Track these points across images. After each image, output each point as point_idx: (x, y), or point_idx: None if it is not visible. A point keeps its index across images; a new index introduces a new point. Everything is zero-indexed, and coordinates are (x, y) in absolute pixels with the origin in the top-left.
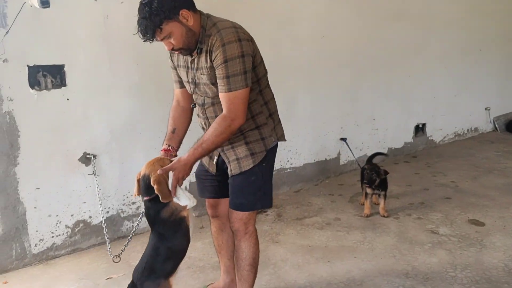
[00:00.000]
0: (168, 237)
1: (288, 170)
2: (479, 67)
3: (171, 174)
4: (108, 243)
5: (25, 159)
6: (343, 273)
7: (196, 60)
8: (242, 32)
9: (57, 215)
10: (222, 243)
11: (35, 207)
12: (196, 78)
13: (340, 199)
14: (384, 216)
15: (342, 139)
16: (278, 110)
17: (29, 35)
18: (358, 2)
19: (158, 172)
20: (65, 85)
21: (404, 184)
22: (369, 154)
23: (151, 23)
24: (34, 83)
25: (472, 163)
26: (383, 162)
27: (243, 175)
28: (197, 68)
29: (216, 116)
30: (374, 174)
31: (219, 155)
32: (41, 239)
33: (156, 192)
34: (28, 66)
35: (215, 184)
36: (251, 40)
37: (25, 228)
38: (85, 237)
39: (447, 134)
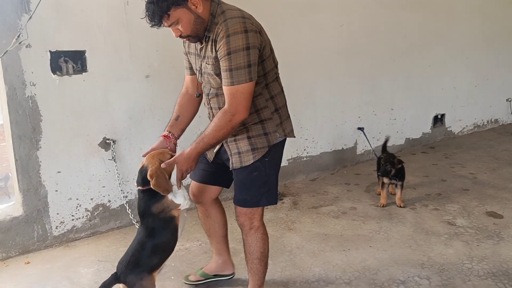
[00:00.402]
0: (155, 234)
1: (305, 159)
2: (501, 57)
3: (175, 167)
4: (136, 222)
5: (47, 143)
6: (358, 262)
7: (204, 48)
8: (250, 22)
9: (77, 199)
10: (210, 228)
11: (56, 190)
12: (202, 67)
13: (356, 188)
14: (400, 206)
15: (359, 128)
16: (296, 97)
17: (51, 21)
18: None
19: (162, 166)
20: (86, 70)
21: (421, 174)
22: (387, 144)
23: (158, 9)
24: (56, 68)
25: (491, 155)
26: (400, 152)
27: (246, 171)
28: (204, 57)
29: (219, 108)
30: (388, 165)
31: (222, 145)
32: (61, 222)
33: (152, 186)
34: (50, 51)
35: (208, 169)
36: (259, 31)
37: (47, 211)
38: (104, 220)
39: (466, 125)
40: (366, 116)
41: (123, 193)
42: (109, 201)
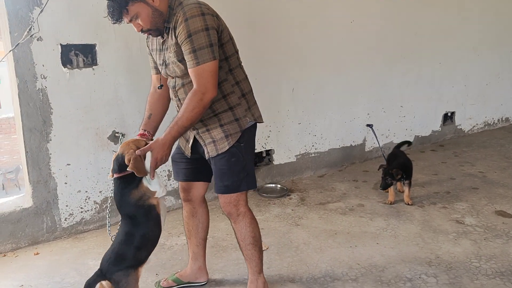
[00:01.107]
0: (139, 224)
1: (313, 155)
2: None
3: (149, 155)
4: None
5: (57, 135)
6: (365, 259)
7: (166, 40)
8: (206, 8)
9: (86, 191)
10: (192, 229)
11: (66, 183)
12: (166, 58)
13: (364, 185)
14: (408, 204)
15: (368, 125)
16: (305, 93)
17: (62, 14)
18: None
19: (136, 152)
20: (96, 64)
21: (430, 172)
22: (396, 141)
23: (117, 5)
24: (66, 61)
25: (502, 154)
26: (409, 150)
27: (224, 158)
28: (167, 48)
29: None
30: (388, 178)
31: (195, 138)
32: (70, 214)
33: (130, 169)
34: (61, 44)
35: (189, 167)
36: (216, 16)
37: (56, 203)
38: (112, 213)
39: (477, 124)
40: (375, 113)
41: None
42: None
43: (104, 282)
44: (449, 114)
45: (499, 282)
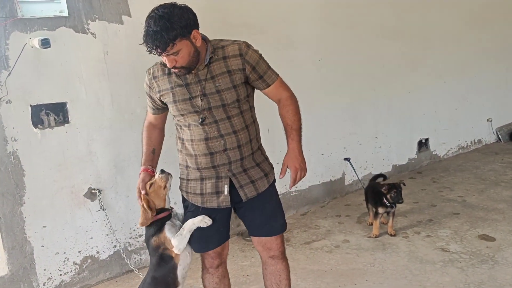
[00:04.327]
0: (154, 266)
1: (294, 193)
2: (478, 79)
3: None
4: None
5: (31, 198)
6: None
7: (206, 71)
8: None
9: (64, 252)
10: None
11: (42, 246)
12: (206, 88)
13: (347, 220)
14: (391, 235)
15: (346, 159)
16: (279, 133)
17: (31, 75)
18: (353, 23)
19: None
20: (68, 122)
21: (410, 201)
22: (374, 172)
23: (166, 37)
24: (37, 122)
25: (478, 176)
26: (388, 180)
27: (268, 196)
28: (211, 78)
29: (234, 131)
30: (399, 190)
31: (230, 183)
32: (49, 278)
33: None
34: (31, 105)
35: (222, 226)
36: None
37: (33, 268)
38: (93, 273)
39: (451, 148)
40: (352, 146)
41: (112, 242)
42: (98, 252)
43: None
44: (423, 141)
45: None
